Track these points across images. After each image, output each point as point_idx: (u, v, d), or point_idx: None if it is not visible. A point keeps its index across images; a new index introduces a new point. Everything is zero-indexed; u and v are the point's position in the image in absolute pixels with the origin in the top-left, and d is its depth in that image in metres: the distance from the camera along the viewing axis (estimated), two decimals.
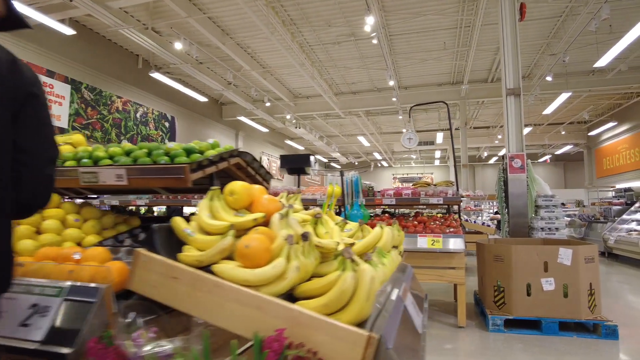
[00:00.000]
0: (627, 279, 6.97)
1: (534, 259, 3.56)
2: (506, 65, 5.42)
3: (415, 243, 3.75)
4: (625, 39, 8.67)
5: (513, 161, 5.14)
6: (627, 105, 15.81)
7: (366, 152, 26.73)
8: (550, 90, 12.97)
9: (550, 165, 28.10)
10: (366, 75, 13.38)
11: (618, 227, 9.69)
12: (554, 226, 4.79)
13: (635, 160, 15.94)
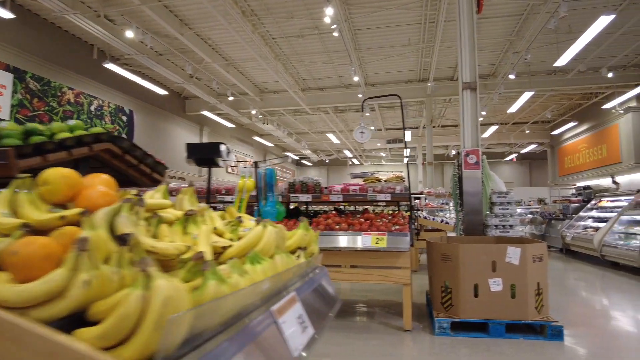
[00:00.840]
0: (582, 275, 7.01)
1: (482, 258, 3.40)
2: (463, 59, 5.28)
3: (360, 241, 3.53)
4: (582, 39, 8.76)
5: (468, 157, 5.01)
6: (587, 105, 16.22)
7: (337, 150, 26.58)
8: (514, 89, 13.10)
9: (517, 164, 28.72)
10: (333, 70, 13.16)
11: (575, 224, 9.84)
12: (508, 223, 4.68)
13: (594, 159, 16.38)
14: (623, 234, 7.75)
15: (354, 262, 3.66)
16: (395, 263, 3.57)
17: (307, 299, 1.41)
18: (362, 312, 4.29)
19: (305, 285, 1.44)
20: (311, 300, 1.44)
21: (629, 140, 13.74)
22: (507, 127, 19.90)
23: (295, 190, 4.19)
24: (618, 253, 7.27)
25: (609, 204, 9.09)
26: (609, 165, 15.13)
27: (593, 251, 8.18)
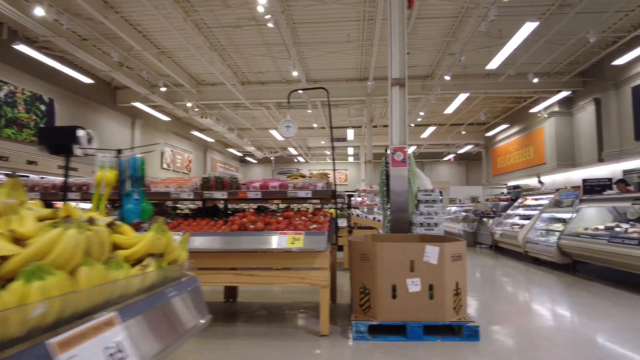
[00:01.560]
0: (507, 271, 7.25)
1: (400, 257, 3.27)
2: (393, 55, 5.19)
3: (275, 242, 3.27)
4: (510, 44, 9.11)
5: (395, 154, 4.92)
6: (517, 108, 17.13)
7: (282, 147, 26.24)
8: (450, 91, 13.47)
9: (454, 164, 29.94)
10: (273, 65, 12.83)
11: (504, 221, 10.25)
12: (432, 221, 4.63)
13: (523, 160, 17.35)
14: (544, 230, 8.13)
15: (268, 264, 3.39)
16: (313, 264, 3.35)
17: (143, 320, 1.12)
18: (283, 316, 4.05)
19: (144, 303, 1.15)
20: (152, 321, 1.16)
21: (552, 143, 14.64)
22: (445, 128, 20.59)
23: (210, 186, 3.85)
24: (539, 249, 7.60)
25: (533, 202, 9.54)
26: (535, 166, 16.08)
27: (518, 247, 8.52)
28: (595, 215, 7.06)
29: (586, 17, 9.45)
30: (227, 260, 3.44)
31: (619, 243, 5.46)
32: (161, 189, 3.95)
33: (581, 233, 6.63)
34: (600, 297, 5.00)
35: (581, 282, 6.00)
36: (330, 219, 3.72)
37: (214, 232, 3.44)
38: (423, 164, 30.23)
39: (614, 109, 11.82)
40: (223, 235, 3.38)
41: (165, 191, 3.92)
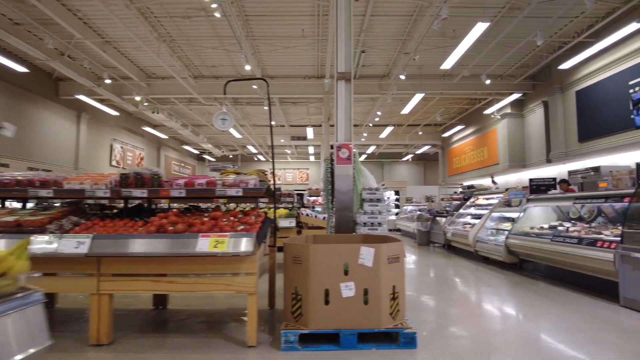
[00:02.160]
0: (457, 271, 7.23)
1: (334, 260, 3.04)
2: (339, 48, 4.97)
3: (197, 245, 2.95)
4: (462, 44, 9.17)
5: (340, 151, 4.70)
6: (472, 110, 17.50)
7: (241, 145, 25.64)
8: (406, 91, 13.51)
9: (413, 164, 30.40)
10: (227, 59, 12.37)
11: (456, 220, 10.34)
12: (376, 221, 4.46)
13: (477, 161, 17.76)
14: (494, 229, 8.21)
15: (190, 270, 3.07)
16: (239, 269, 3.06)
17: None
18: (214, 325, 3.73)
19: None
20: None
21: (504, 144, 15.03)
22: (403, 128, 20.78)
23: (129, 183, 3.47)
24: (488, 248, 7.65)
25: (484, 201, 9.65)
26: (489, 166, 16.48)
27: (469, 247, 8.57)
28: (541, 215, 7.17)
29: (534, 21, 9.67)
30: (145, 266, 3.09)
31: (561, 242, 5.51)
32: (75, 186, 3.52)
33: (527, 232, 6.70)
34: (543, 296, 5.00)
35: (527, 282, 6.03)
36: (263, 219, 3.43)
37: (127, 235, 3.07)
38: (383, 164, 30.53)
39: (560, 111, 12.23)
40: (136, 238, 3.02)
41: (80, 189, 3.50)
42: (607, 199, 5.24)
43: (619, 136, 9.66)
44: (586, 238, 5.13)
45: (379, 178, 29.37)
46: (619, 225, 5.50)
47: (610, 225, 5.77)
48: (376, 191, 4.61)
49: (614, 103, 9.85)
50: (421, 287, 5.78)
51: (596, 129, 10.55)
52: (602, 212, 6.09)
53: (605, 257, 4.59)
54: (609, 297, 4.76)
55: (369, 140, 21.59)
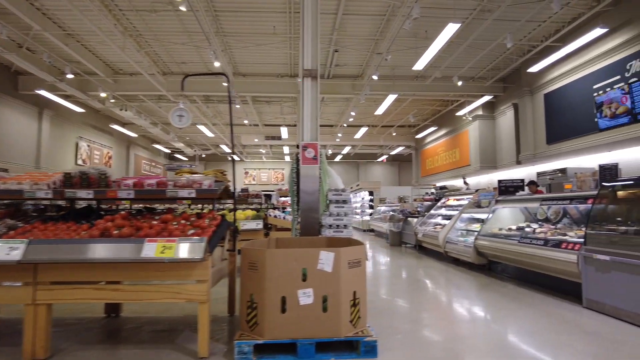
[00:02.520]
0: (427, 272, 7.18)
1: (292, 265, 2.88)
2: (304, 44, 4.82)
3: (142, 251, 2.74)
4: (434, 45, 9.18)
5: (306, 151, 4.55)
6: (445, 111, 17.68)
7: (214, 144, 25.16)
8: (380, 92, 13.49)
9: (387, 165, 30.59)
10: (197, 55, 12.03)
11: (427, 221, 10.35)
12: (342, 223, 4.32)
13: (450, 162, 17.95)
14: (464, 230, 8.23)
15: (136, 277, 2.85)
16: (190, 276, 2.86)
17: None
18: (167, 334, 3.51)
19: None
20: None
21: (476, 145, 15.22)
22: (377, 129, 20.82)
23: (73, 183, 3.21)
24: (457, 249, 7.65)
25: (455, 202, 9.69)
26: (461, 167, 16.66)
27: (439, 247, 8.57)
28: (509, 216, 7.21)
29: (503, 24, 9.77)
30: (86, 273, 2.85)
31: (528, 243, 5.51)
32: (12, 186, 3.24)
33: (496, 233, 6.71)
34: (510, 298, 4.98)
35: (495, 283, 6.02)
36: (219, 222, 3.24)
37: (66, 239, 2.83)
38: (358, 165, 30.59)
39: (529, 114, 12.45)
40: (77, 243, 2.78)
41: (18, 189, 3.22)
42: (571, 201, 5.27)
43: (584, 139, 9.87)
44: (552, 239, 5.15)
45: (354, 178, 29.42)
46: (582, 227, 5.55)
47: (575, 227, 5.82)
48: (342, 192, 4.48)
49: (579, 106, 10.07)
50: (388, 289, 5.68)
51: (563, 131, 10.76)
52: (567, 214, 6.15)
53: (569, 258, 4.60)
54: (573, 299, 4.78)
55: (344, 140, 21.53)
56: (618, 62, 8.79)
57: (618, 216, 4.42)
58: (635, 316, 3.77)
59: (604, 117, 6.07)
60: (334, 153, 26.89)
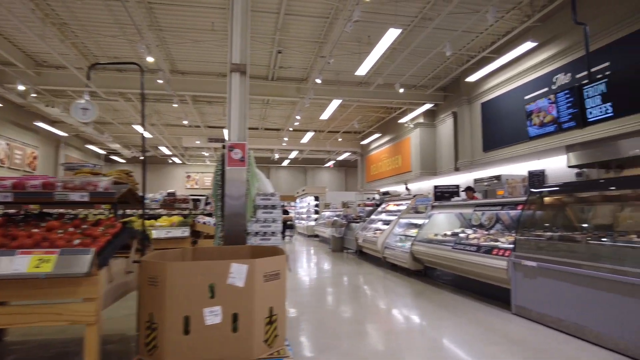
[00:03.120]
0: (364, 279, 7.04)
1: (197, 280, 2.53)
2: (233, 37, 4.50)
3: (11, 264, 2.27)
4: (376, 50, 9.18)
5: (232, 152, 4.21)
6: (388, 118, 17.94)
7: (152, 146, 23.87)
8: (324, 96, 13.37)
9: (334, 170, 30.69)
10: (131, 50, 11.23)
11: (368, 226, 10.30)
12: (269, 230, 4.02)
13: (392, 168, 18.21)
14: (402, 236, 8.21)
15: (10, 297, 2.38)
16: (75, 294, 2.43)
17: None
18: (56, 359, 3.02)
19: None
20: None
21: (417, 152, 15.52)
22: (324, 134, 20.76)
23: None
24: (395, 255, 7.59)
25: (394, 207, 9.70)
26: (403, 174, 16.94)
27: (378, 253, 8.49)
28: (445, 221, 7.25)
29: (443, 33, 9.98)
30: None
31: (461, 249, 5.51)
32: None
33: (431, 239, 6.71)
34: (443, 306, 4.91)
35: (430, 290, 5.97)
36: (118, 230, 2.81)
37: None
38: (306, 170, 30.43)
39: (467, 122, 12.85)
40: None
41: None
42: (503, 207, 5.33)
43: (517, 147, 10.29)
44: (484, 246, 5.16)
45: (302, 183, 29.21)
46: (513, 232, 5.63)
47: (507, 232, 5.92)
48: (271, 197, 4.19)
49: (512, 116, 10.49)
50: (320, 299, 5.45)
51: (498, 139, 11.18)
52: (500, 219, 6.26)
53: (500, 265, 4.61)
54: (505, 305, 4.78)
55: (290, 144, 21.25)
56: (546, 75, 9.25)
57: (545, 222, 4.48)
58: (559, 322, 3.78)
59: (534, 126, 6.26)
60: (281, 157, 26.50)
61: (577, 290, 3.59)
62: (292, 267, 3.24)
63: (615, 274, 3.27)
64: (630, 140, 7.46)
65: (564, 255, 3.80)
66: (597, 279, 3.41)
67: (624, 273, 3.22)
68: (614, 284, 3.27)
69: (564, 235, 4.05)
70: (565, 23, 8.76)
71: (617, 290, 3.24)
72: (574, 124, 5.53)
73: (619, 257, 3.38)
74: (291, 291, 6.02)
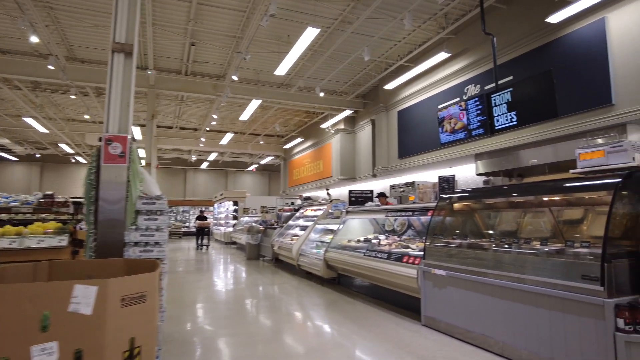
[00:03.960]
0: (276, 289, 6.61)
1: (25, 309, 1.91)
2: (118, 12, 3.83)
3: None
4: (295, 48, 8.88)
5: (111, 145, 3.54)
6: (311, 123, 17.79)
7: (51, 142, 21.31)
8: (243, 95, 12.81)
9: (258, 174, 29.99)
10: (18, 30, 9.72)
11: (285, 232, 9.91)
12: (152, 240, 3.42)
13: (314, 173, 18.07)
14: (318, 242, 7.91)
15: None
16: None
17: None
18: None
19: None
20: None
21: (337, 158, 15.51)
22: (245, 137, 20.06)
23: None
24: (309, 262, 7.27)
25: (312, 213, 9.42)
26: (324, 179, 16.85)
27: (293, 260, 8.12)
28: (359, 227, 7.08)
29: (362, 38, 9.97)
30: None
31: (373, 257, 5.31)
32: None
33: (345, 245, 6.48)
34: (353, 320, 4.63)
35: (342, 300, 5.70)
36: None
37: None
38: (227, 173, 29.33)
39: (384, 129, 13.06)
40: None
41: None
42: (414, 212, 5.23)
43: (430, 154, 10.59)
44: (395, 252, 5.00)
45: (223, 187, 28.06)
46: (424, 239, 5.57)
47: (418, 238, 5.85)
48: (157, 200, 3.58)
49: (426, 124, 10.80)
50: (224, 316, 4.90)
51: (412, 146, 11.44)
52: (412, 225, 6.20)
53: (410, 273, 4.44)
54: (417, 316, 4.64)
55: (208, 146, 20.21)
56: (458, 85, 9.61)
57: (455, 228, 4.40)
58: (467, 334, 3.66)
59: (445, 132, 6.33)
60: (199, 159, 25.15)
61: (483, 300, 3.49)
62: (162, 287, 2.74)
63: (516, 282, 3.20)
64: (529, 150, 7.94)
65: (472, 263, 3.70)
66: (500, 287, 3.33)
67: (524, 281, 3.15)
68: (516, 292, 3.19)
69: (472, 242, 3.98)
70: (476, 36, 9.18)
71: (519, 299, 3.16)
72: (482, 131, 5.64)
73: (521, 265, 3.32)
74: (188, 306, 5.39)
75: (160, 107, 16.00)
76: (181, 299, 5.79)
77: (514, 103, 5.23)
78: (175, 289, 6.60)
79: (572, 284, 2.82)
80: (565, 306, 2.83)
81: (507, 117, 5.31)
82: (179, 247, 16.48)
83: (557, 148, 7.38)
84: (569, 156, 7.23)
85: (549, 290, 2.94)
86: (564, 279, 2.89)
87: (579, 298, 2.74)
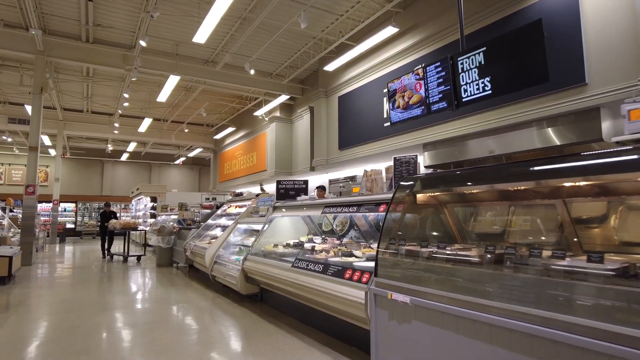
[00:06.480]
0: (182, 312, 4.91)
1: None
2: None
3: None
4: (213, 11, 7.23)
5: None
6: (243, 111, 16.01)
7: None
8: (158, 70, 10.83)
9: (187, 169, 27.48)
10: None
11: (203, 234, 8.18)
12: None
13: (247, 166, 16.33)
14: (240, 246, 6.31)
15: None
16: None
17: None
18: None
19: None
20: None
21: (272, 149, 13.93)
22: (167, 124, 17.78)
23: None
24: (225, 272, 5.64)
25: (237, 210, 7.76)
26: (258, 173, 15.18)
27: (205, 267, 6.45)
28: (290, 227, 5.59)
29: (297, 6, 8.48)
30: None
31: (303, 268, 3.84)
32: None
33: (269, 252, 4.95)
34: (269, 356, 3.13)
35: (263, 327, 4.16)
36: None
37: None
38: (151, 166, 26.47)
39: (323, 117, 11.71)
40: None
41: None
42: (360, 207, 3.81)
43: (374, 144, 9.41)
44: (333, 264, 3.55)
45: (146, 182, 25.21)
46: (372, 243, 4.18)
47: (362, 242, 4.48)
48: None
49: (371, 110, 9.59)
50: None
51: (355, 136, 10.20)
52: (355, 225, 4.83)
53: (355, 295, 3.01)
54: (365, 355, 3.23)
55: (124, 134, 17.67)
56: (409, 64, 8.47)
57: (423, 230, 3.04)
58: None
59: (397, 109, 5.02)
60: (117, 150, 22.23)
61: (475, 350, 2.13)
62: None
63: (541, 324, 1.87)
64: (486, 139, 6.96)
65: (454, 286, 2.35)
66: (508, 331, 1.99)
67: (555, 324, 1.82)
68: (539, 341, 1.86)
69: (454, 252, 2.63)
70: (427, 10, 8.09)
71: (543, 353, 1.83)
72: (444, 104, 4.41)
73: (548, 294, 2.01)
74: (56, 343, 3.56)
75: (63, 84, 13.42)
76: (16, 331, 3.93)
77: (488, 66, 4.02)
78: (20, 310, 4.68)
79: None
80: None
81: (479, 85, 4.10)
82: (86, 249, 13.93)
83: (518, 136, 6.43)
84: (530, 145, 6.33)
85: (608, 344, 1.63)
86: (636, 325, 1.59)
87: None
